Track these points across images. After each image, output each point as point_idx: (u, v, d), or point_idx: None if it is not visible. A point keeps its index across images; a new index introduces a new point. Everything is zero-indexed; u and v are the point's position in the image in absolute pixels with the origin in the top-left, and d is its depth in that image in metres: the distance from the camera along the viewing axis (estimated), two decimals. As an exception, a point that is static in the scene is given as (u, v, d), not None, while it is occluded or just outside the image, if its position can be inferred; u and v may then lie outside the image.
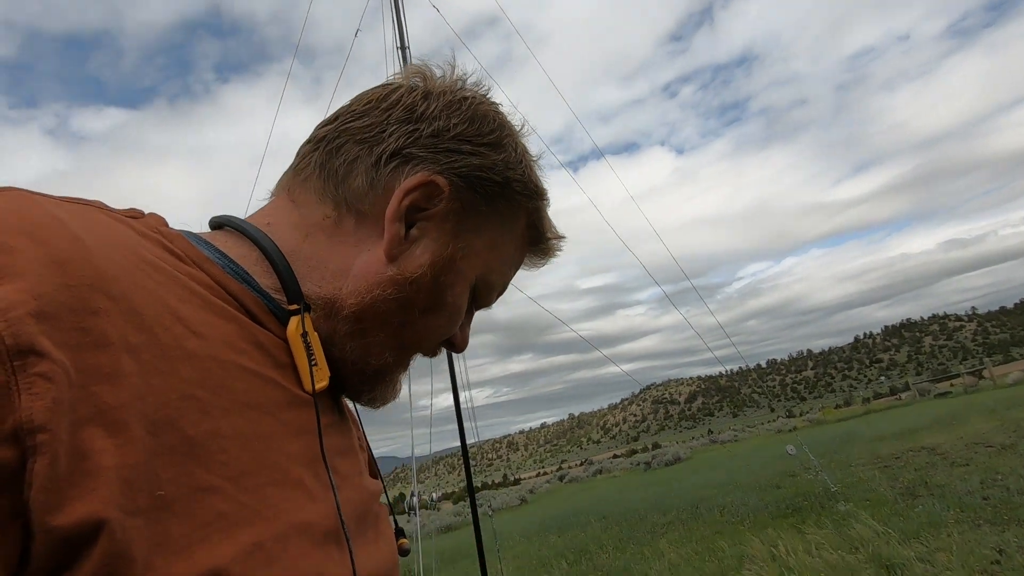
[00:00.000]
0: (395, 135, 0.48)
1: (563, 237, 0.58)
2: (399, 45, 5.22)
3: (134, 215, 0.42)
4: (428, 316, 0.50)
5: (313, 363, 0.43)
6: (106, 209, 0.38)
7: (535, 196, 0.53)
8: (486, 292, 0.54)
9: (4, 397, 0.25)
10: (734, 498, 8.99)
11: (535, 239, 0.56)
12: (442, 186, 0.47)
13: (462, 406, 4.64)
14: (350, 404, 0.56)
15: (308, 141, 0.51)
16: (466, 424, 4.61)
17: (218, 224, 0.50)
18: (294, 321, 0.44)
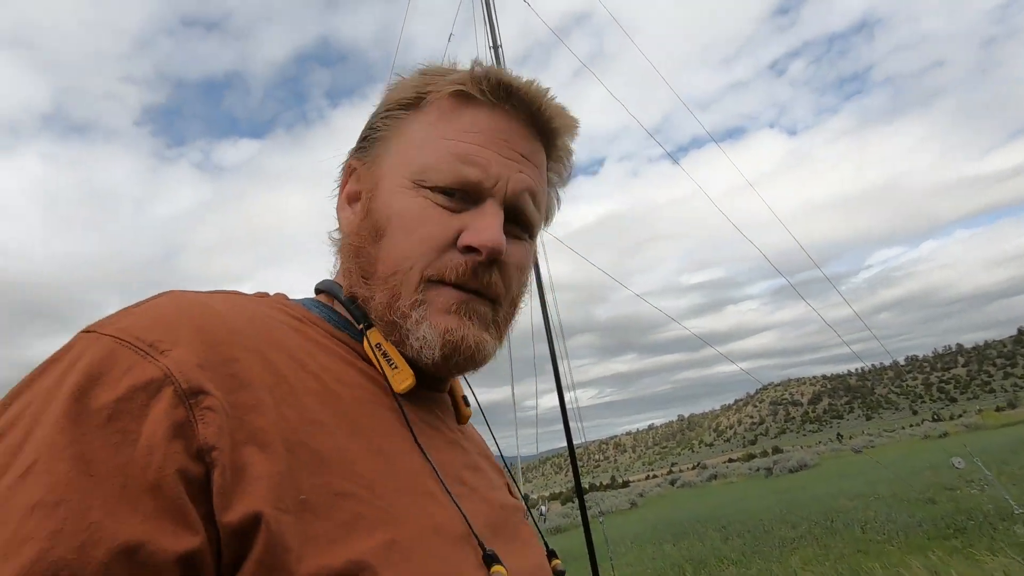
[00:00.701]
0: (360, 140, 0.58)
1: (504, 72, 0.52)
2: (491, 45, 5.20)
3: (261, 295, 0.52)
4: (382, 240, 0.51)
5: (394, 367, 0.48)
6: (239, 292, 0.49)
7: (436, 77, 0.53)
8: (449, 170, 0.50)
9: (188, 428, 0.35)
10: (877, 512, 8.01)
11: (466, 95, 0.52)
12: (354, 165, 0.56)
13: (568, 406, 4.49)
14: (484, 431, 0.64)
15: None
16: (572, 424, 4.46)
17: (320, 290, 0.57)
18: (365, 341, 0.50)
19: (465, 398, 0.61)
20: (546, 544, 0.57)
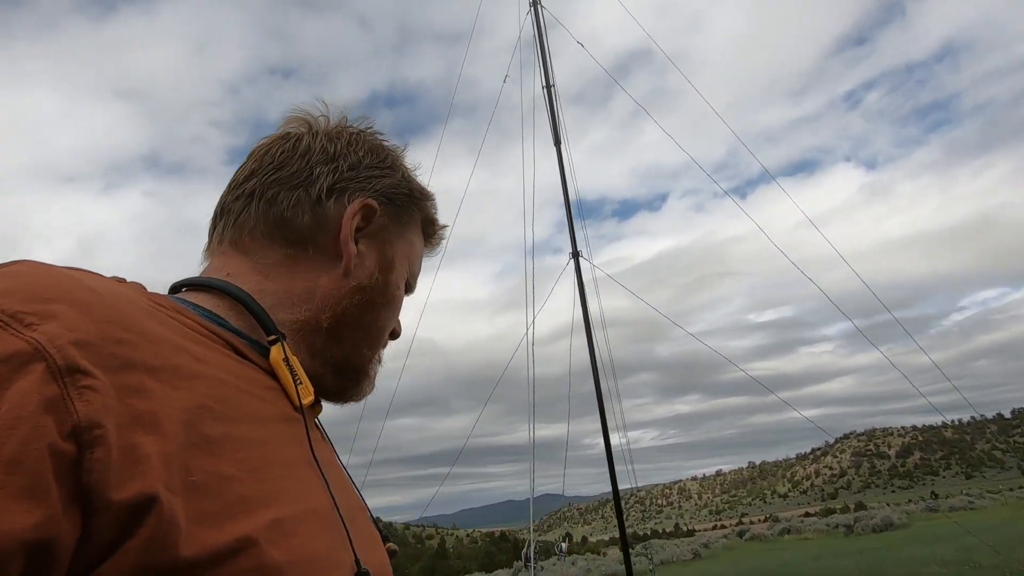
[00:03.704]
0: (323, 175, 0.60)
1: (446, 226, 0.73)
2: (544, 85, 5.38)
3: (120, 280, 0.49)
4: (385, 309, 0.64)
5: (298, 382, 0.52)
6: (100, 274, 0.47)
7: (425, 199, 0.68)
8: (412, 282, 0.69)
9: (61, 405, 0.33)
10: (973, 583, 7.15)
11: (429, 232, 0.71)
12: (375, 207, 0.61)
13: (617, 448, 4.38)
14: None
15: (236, 198, 0.60)
16: (620, 468, 4.35)
17: (178, 287, 0.57)
18: (275, 350, 0.52)
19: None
20: (380, 530, 0.62)
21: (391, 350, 0.69)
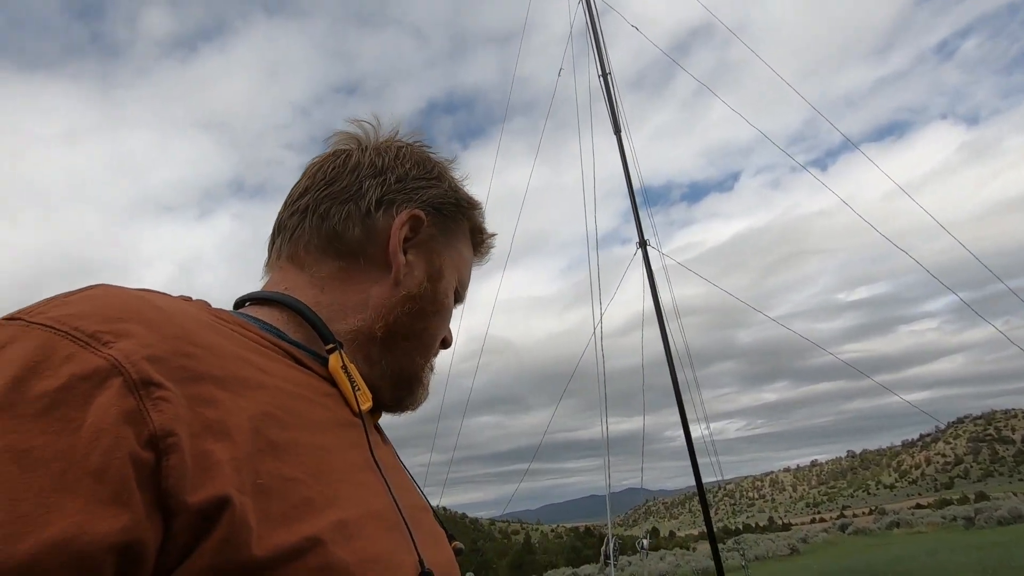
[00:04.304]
0: (371, 188, 0.62)
1: (495, 235, 0.74)
2: (600, 73, 5.29)
3: (186, 298, 0.52)
4: (436, 318, 0.65)
5: (356, 389, 0.54)
6: (168, 294, 0.50)
7: (472, 208, 0.70)
8: (461, 291, 0.70)
9: (139, 416, 0.35)
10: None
11: (478, 241, 0.72)
12: (422, 217, 0.63)
13: (699, 440, 4.24)
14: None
15: (292, 214, 0.63)
16: (704, 460, 4.20)
17: (242, 301, 0.61)
18: (334, 358, 0.54)
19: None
20: (446, 529, 0.64)
21: (464, 350, 0.67)
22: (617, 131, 6.80)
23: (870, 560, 14.31)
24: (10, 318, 0.39)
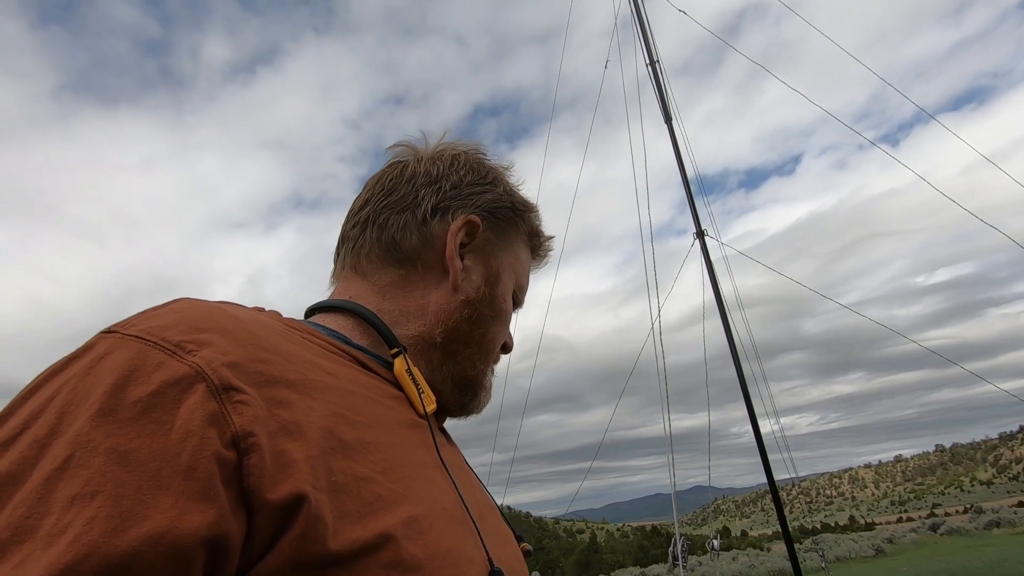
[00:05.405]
0: (427, 197, 0.64)
1: (552, 237, 0.75)
2: (648, 61, 5.15)
3: (259, 309, 0.56)
4: (495, 322, 0.66)
5: (421, 391, 0.56)
6: (243, 305, 0.54)
7: (528, 211, 0.71)
8: (520, 294, 0.71)
9: (221, 418, 0.39)
10: None
11: (535, 244, 0.73)
12: (477, 222, 0.64)
13: (769, 435, 4.04)
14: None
15: (353, 226, 0.66)
16: (775, 457, 4.00)
17: (312, 310, 0.64)
18: (398, 361, 0.57)
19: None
20: (513, 530, 0.65)
21: (520, 350, 0.66)
22: (668, 119, 6.62)
23: (967, 563, 13.23)
24: (108, 331, 0.42)
